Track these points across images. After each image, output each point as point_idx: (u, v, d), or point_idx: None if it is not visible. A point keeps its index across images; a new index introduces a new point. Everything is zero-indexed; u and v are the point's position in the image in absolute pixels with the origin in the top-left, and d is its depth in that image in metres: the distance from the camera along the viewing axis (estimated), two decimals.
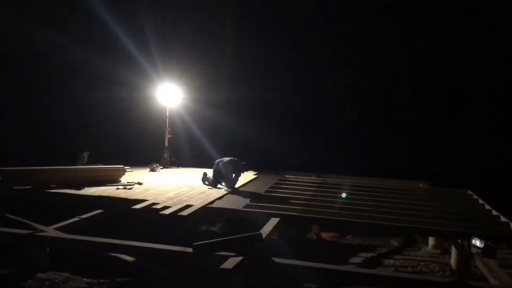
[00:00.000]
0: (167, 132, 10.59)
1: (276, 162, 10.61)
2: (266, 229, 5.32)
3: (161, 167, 9.99)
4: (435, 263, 6.31)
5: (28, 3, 10.97)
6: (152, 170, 9.46)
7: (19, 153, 9.74)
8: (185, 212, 5.76)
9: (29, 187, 6.73)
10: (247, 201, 6.57)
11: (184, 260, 4.83)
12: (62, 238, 5.23)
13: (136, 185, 7.49)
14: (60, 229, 5.54)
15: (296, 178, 9.33)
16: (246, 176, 8.70)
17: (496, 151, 11.24)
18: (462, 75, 12.13)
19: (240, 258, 4.34)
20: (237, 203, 6.47)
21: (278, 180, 8.78)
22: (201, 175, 7.98)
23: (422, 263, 6.33)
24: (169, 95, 10.61)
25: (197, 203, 6.18)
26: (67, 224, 5.77)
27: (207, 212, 6.14)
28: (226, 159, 7.66)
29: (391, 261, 6.52)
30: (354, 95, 12.76)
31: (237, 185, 7.69)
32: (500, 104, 11.78)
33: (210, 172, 7.85)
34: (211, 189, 7.44)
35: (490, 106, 11.95)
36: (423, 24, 12.23)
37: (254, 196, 7.01)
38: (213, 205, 6.30)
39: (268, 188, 7.84)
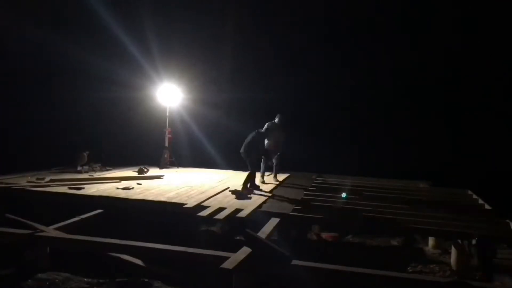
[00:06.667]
0: (167, 132, 10.59)
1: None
2: (266, 230, 5.33)
3: (147, 171, 9.14)
4: (435, 263, 6.30)
5: (28, 3, 10.95)
6: (140, 173, 8.87)
7: (19, 153, 9.73)
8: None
9: (28, 186, 6.74)
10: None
11: (184, 260, 4.83)
12: (62, 238, 5.22)
13: (136, 185, 7.49)
14: (60, 229, 5.53)
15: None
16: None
17: (496, 151, 11.22)
18: (463, 75, 12.11)
19: (242, 257, 4.35)
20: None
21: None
22: (201, 175, 7.91)
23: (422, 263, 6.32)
24: (169, 95, 10.61)
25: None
26: (67, 224, 5.76)
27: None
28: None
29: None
30: (355, 95, 12.75)
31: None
32: (500, 104, 11.77)
33: None
34: (211, 189, 7.43)
35: (490, 106, 11.93)
36: (425, 24, 12.22)
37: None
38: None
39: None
